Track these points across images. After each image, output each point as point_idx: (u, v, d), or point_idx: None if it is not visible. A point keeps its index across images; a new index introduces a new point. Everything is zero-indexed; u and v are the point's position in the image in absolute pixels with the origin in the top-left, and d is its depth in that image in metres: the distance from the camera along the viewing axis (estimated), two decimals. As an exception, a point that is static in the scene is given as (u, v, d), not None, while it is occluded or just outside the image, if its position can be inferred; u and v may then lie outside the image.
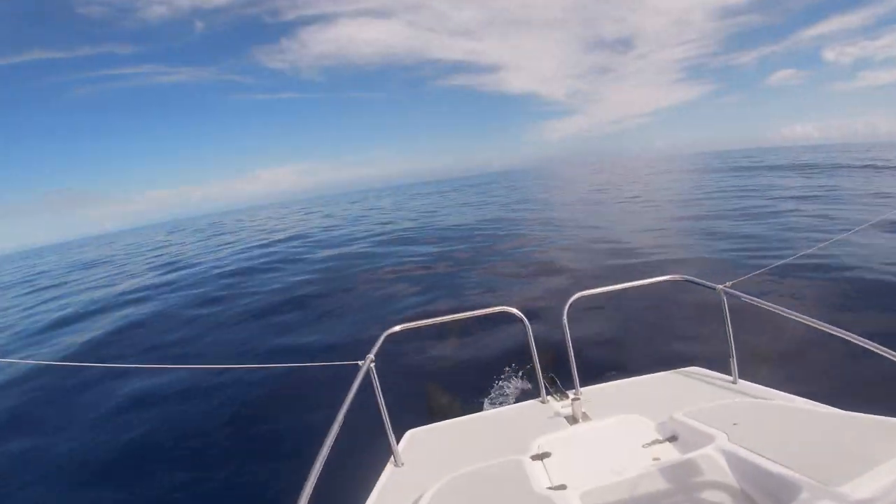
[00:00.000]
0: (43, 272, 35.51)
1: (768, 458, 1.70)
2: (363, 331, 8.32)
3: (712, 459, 1.86)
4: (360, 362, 2.69)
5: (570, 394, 3.29)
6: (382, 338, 3.08)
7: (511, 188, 59.80)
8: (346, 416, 2.23)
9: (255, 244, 27.01)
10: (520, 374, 5.90)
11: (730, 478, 1.78)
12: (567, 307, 3.31)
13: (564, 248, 14.66)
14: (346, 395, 2.39)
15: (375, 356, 2.81)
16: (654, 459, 2.21)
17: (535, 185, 61.57)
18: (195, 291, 14.44)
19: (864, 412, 1.92)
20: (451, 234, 20.50)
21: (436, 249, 16.74)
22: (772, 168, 40.33)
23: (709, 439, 2.00)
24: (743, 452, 1.80)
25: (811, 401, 2.58)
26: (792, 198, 19.51)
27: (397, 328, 3.20)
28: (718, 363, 3.42)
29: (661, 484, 1.79)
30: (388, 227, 26.73)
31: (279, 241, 26.95)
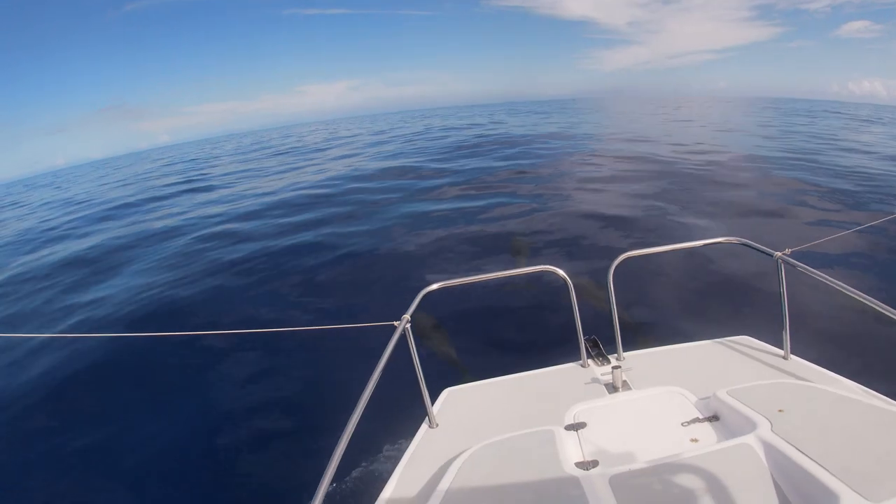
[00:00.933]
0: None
1: (811, 458, 1.63)
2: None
3: (751, 451, 1.81)
4: (395, 322, 2.65)
5: (612, 358, 3.24)
6: (420, 297, 3.01)
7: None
8: (380, 377, 2.23)
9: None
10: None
11: (767, 473, 1.72)
12: (613, 267, 3.19)
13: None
14: (380, 356, 2.37)
15: (412, 316, 2.76)
16: (692, 440, 2.16)
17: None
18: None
19: None
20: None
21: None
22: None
23: (751, 426, 1.94)
24: (784, 447, 1.74)
25: (866, 388, 2.47)
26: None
27: (434, 286, 3.10)
28: (770, 334, 3.29)
29: (693, 472, 1.74)
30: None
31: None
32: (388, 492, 2.34)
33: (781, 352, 3.02)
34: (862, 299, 2.40)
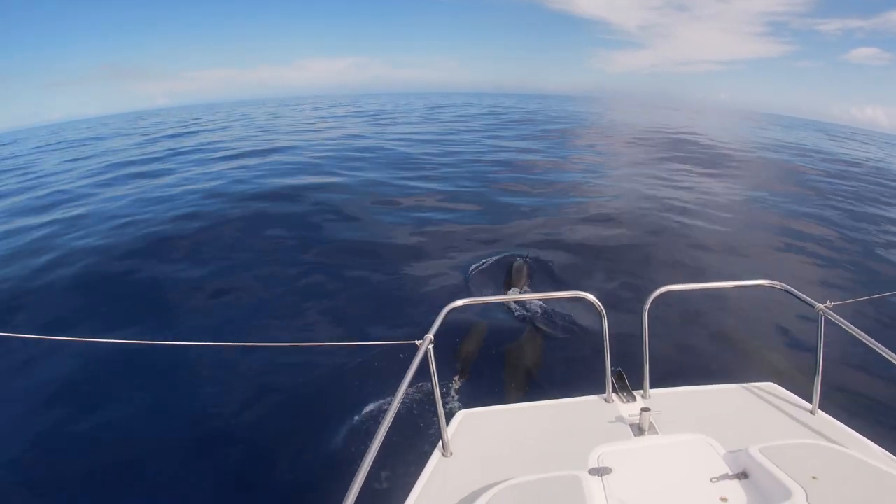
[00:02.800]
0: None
1: None
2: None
3: None
4: (418, 342, 2.56)
5: (638, 395, 3.19)
6: (444, 314, 2.91)
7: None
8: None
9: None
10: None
11: None
12: (650, 301, 3.13)
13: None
14: (401, 380, 2.30)
15: (435, 336, 2.66)
16: (722, 499, 2.13)
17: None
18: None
19: None
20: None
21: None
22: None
23: (785, 493, 1.92)
24: None
25: (892, 457, 2.46)
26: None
27: (460, 303, 3.00)
28: (795, 384, 3.27)
29: None
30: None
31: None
32: None
33: (809, 405, 2.98)
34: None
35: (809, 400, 2.99)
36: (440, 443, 2.79)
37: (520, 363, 5.86)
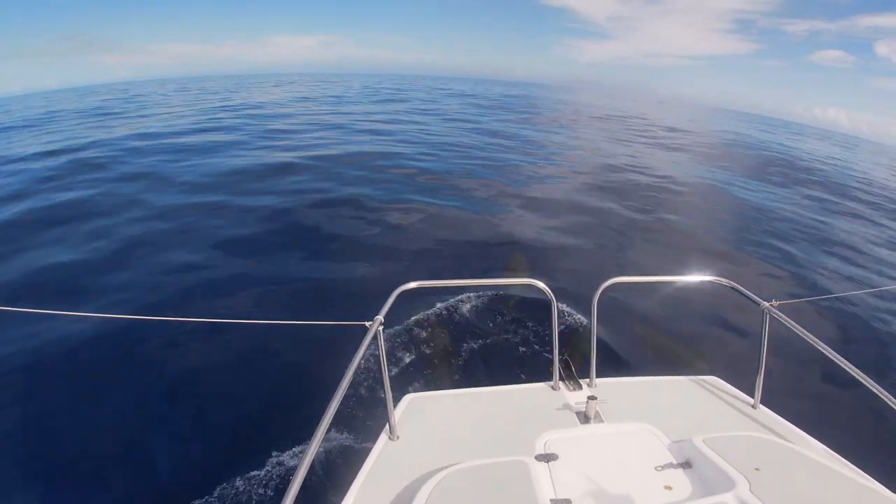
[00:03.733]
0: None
1: None
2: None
3: None
4: (367, 323, 2.53)
5: (584, 384, 3.23)
6: (394, 296, 2.88)
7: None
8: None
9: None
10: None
11: None
12: (600, 291, 3.18)
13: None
14: (350, 361, 2.24)
15: (385, 317, 2.63)
16: (666, 487, 2.18)
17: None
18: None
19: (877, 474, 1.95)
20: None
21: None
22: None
23: (728, 483, 1.96)
24: None
25: (831, 452, 2.57)
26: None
27: (412, 285, 2.98)
28: (738, 378, 3.37)
29: None
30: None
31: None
32: None
33: (751, 399, 3.07)
34: (839, 361, 2.49)
35: (751, 394, 3.08)
36: (387, 426, 2.77)
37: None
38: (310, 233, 9.79)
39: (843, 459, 2.46)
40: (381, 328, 2.57)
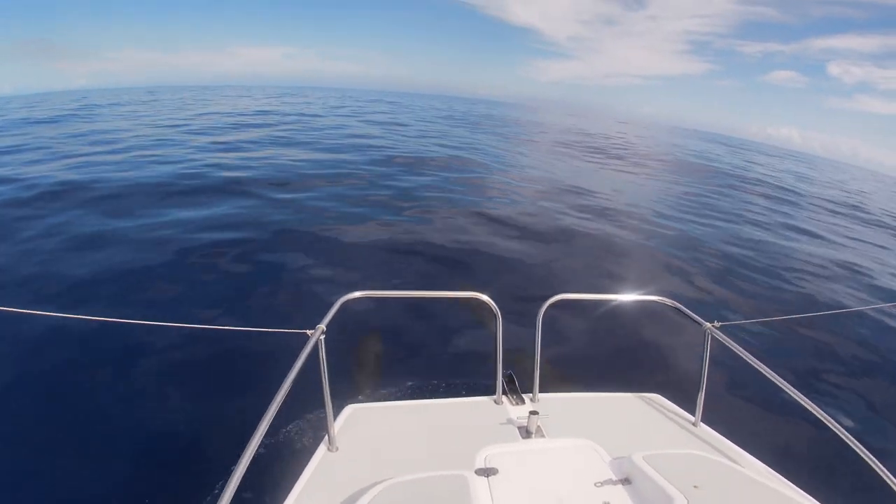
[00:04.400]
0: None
1: None
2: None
3: None
4: (309, 331, 2.52)
5: (527, 398, 3.26)
6: (338, 305, 2.89)
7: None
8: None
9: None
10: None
11: None
12: (545, 307, 3.24)
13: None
14: (289, 369, 2.24)
15: (327, 326, 2.63)
16: (605, 503, 2.19)
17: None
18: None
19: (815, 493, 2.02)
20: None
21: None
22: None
23: (666, 500, 1.98)
24: None
25: (771, 470, 2.64)
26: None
27: (357, 294, 3.00)
28: (680, 396, 3.44)
29: None
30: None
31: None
32: None
33: (692, 417, 3.14)
34: (778, 382, 2.57)
35: (693, 412, 3.14)
36: (326, 437, 2.75)
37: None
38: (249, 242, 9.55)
39: (782, 478, 2.52)
40: (322, 336, 2.54)
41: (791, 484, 2.44)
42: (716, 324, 3.03)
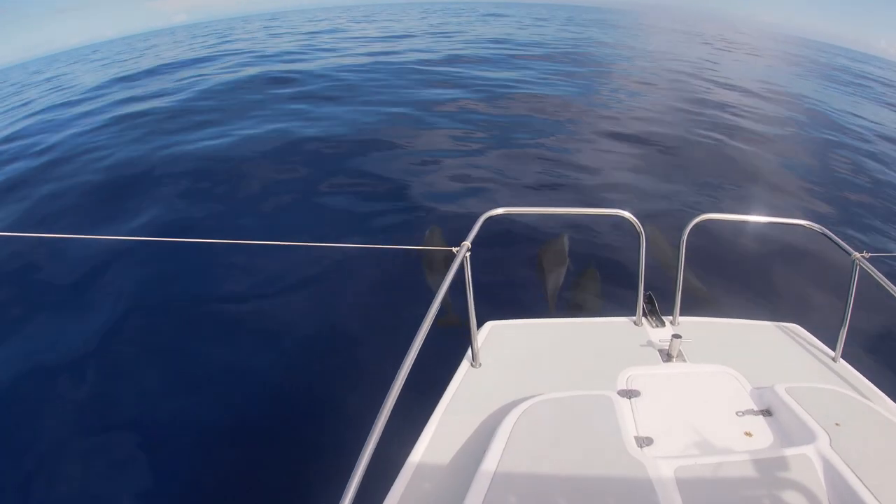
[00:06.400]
0: None
1: (867, 488, 1.69)
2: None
3: (810, 464, 1.85)
4: (454, 249, 2.53)
5: (667, 321, 3.25)
6: (481, 221, 2.89)
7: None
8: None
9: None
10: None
11: (823, 492, 1.77)
12: (689, 228, 3.16)
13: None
14: (439, 286, 2.23)
15: (472, 243, 2.63)
16: (747, 434, 2.19)
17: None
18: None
19: None
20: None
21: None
22: None
23: (809, 436, 1.98)
24: (843, 468, 1.79)
25: None
26: None
27: (499, 211, 3.00)
28: (821, 327, 3.34)
29: (753, 474, 1.82)
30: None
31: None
32: (428, 435, 2.32)
33: (832, 352, 3.04)
34: None
35: (833, 346, 3.04)
36: (469, 352, 2.84)
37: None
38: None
39: None
40: (468, 254, 2.57)
41: None
42: (865, 254, 2.86)
